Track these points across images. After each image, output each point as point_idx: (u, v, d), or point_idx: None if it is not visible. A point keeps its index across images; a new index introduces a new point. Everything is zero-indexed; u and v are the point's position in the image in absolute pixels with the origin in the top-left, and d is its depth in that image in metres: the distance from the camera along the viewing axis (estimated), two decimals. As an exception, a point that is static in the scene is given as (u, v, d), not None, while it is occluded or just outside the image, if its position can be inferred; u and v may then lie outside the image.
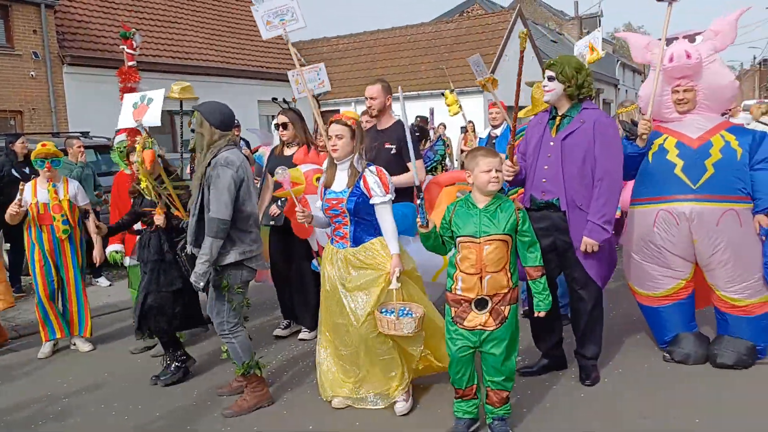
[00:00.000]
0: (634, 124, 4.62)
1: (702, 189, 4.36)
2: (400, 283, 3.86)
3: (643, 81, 8.93)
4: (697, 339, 4.61)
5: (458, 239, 3.53)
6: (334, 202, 4.01)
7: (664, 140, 4.53)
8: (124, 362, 5.40)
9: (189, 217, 4.21)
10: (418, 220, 3.58)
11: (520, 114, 5.88)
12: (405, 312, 3.85)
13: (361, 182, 3.94)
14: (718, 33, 4.54)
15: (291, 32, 5.86)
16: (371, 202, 3.93)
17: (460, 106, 7.83)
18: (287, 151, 5.60)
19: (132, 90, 5.48)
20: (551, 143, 4.19)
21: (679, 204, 4.42)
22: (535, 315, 3.63)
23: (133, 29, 5.81)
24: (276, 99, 6.11)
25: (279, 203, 5.41)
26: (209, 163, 4.00)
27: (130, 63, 5.63)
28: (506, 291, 3.50)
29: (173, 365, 4.87)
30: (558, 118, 4.22)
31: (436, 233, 3.62)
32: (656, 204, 4.52)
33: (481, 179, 3.49)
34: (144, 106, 4.76)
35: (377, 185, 3.89)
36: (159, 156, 4.82)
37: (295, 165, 5.19)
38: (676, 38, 4.60)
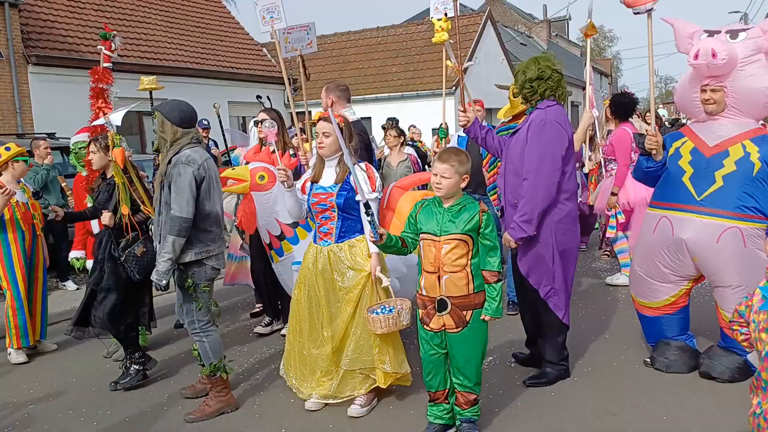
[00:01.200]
0: (643, 137, 4.44)
1: (705, 202, 4.09)
2: (389, 278, 3.94)
3: (610, 84, 9.06)
4: (679, 349, 4.47)
5: (421, 236, 3.56)
6: (323, 196, 4.07)
7: (683, 143, 4.29)
8: (90, 367, 5.30)
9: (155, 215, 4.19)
10: (370, 235, 3.50)
11: (499, 114, 5.93)
12: (388, 309, 3.90)
13: (351, 178, 3.97)
14: (767, 32, 4.08)
15: (278, 30, 5.92)
16: (357, 198, 3.96)
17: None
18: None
19: (103, 91, 5.43)
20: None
21: (679, 214, 4.19)
22: (481, 318, 3.54)
23: (114, 32, 5.74)
24: (260, 97, 6.13)
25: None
26: (170, 161, 3.99)
27: (106, 64, 5.55)
28: (466, 294, 3.48)
29: (132, 368, 4.81)
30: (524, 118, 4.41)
31: (394, 239, 3.57)
32: (661, 209, 4.35)
33: (431, 180, 3.55)
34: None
35: (365, 182, 3.92)
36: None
37: (247, 163, 5.19)
38: (718, 32, 4.17)
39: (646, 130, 4.38)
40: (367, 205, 3.54)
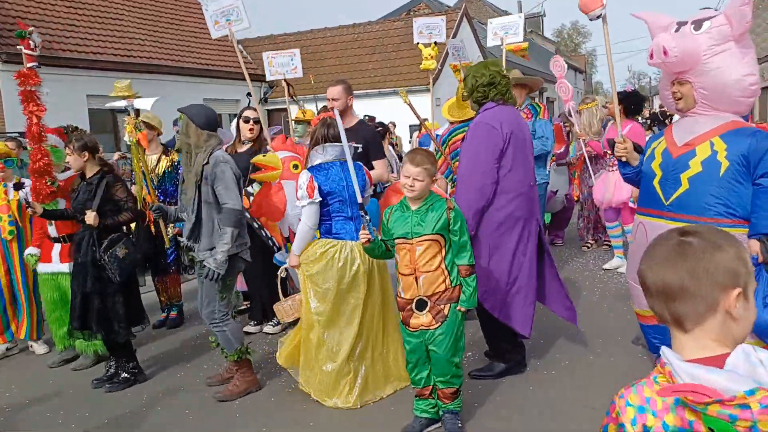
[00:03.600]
0: (611, 143, 4.25)
1: (672, 206, 3.81)
2: (285, 275, 4.51)
3: (584, 80, 9.15)
4: None
5: (395, 241, 3.60)
6: None
7: (659, 144, 4.00)
8: (67, 368, 5.26)
9: (188, 214, 4.27)
10: (364, 232, 3.57)
11: (444, 112, 5.94)
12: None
13: None
14: (731, 17, 3.64)
15: (237, 32, 5.93)
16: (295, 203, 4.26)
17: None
18: (241, 148, 5.55)
19: (33, 93, 5.22)
20: None
21: (652, 219, 3.95)
22: (457, 309, 3.59)
23: (31, 27, 5.49)
24: (250, 95, 6.18)
25: (251, 188, 5.33)
26: (207, 162, 4.13)
27: (30, 64, 5.30)
28: (444, 289, 3.53)
29: (122, 375, 4.78)
30: None
31: (379, 243, 3.65)
32: (638, 215, 4.17)
33: (401, 182, 3.56)
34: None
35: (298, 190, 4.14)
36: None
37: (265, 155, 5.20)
38: (685, 23, 3.82)
39: (615, 138, 4.15)
40: (361, 206, 3.77)
